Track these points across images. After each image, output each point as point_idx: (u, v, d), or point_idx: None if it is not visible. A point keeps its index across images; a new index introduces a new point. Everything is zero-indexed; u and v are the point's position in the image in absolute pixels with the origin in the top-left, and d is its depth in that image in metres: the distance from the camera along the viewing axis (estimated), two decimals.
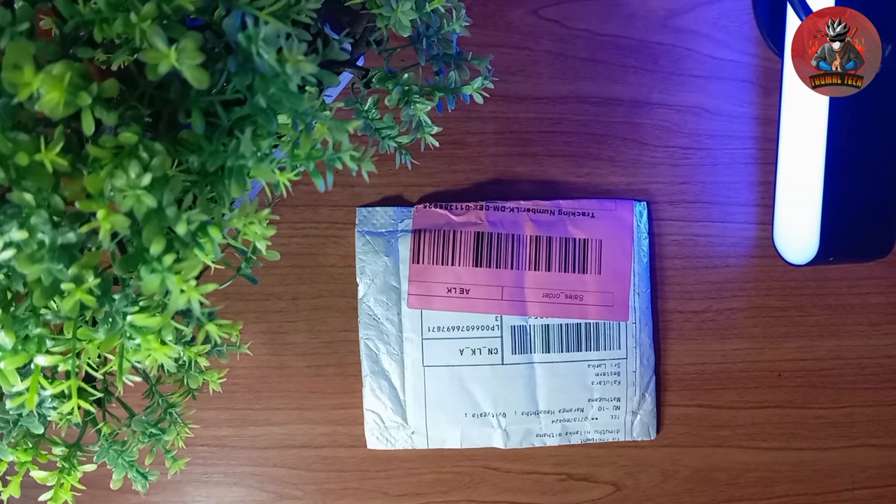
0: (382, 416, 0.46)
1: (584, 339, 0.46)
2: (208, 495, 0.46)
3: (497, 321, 0.45)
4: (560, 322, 0.45)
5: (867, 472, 0.49)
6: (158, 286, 0.22)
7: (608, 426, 0.46)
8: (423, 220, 0.45)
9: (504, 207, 0.45)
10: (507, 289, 0.45)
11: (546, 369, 0.46)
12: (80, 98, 0.20)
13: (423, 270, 0.45)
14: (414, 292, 0.45)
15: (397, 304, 0.45)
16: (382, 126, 0.34)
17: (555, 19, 0.45)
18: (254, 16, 0.23)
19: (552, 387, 0.46)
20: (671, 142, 0.46)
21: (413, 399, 0.46)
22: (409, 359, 0.46)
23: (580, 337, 0.46)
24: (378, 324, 0.46)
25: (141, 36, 0.21)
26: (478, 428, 0.46)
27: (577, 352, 0.46)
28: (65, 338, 0.25)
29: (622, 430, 0.47)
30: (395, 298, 0.45)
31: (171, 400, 0.35)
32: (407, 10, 0.29)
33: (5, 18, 0.22)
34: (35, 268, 0.21)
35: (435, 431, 0.46)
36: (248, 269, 0.34)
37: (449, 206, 0.45)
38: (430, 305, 0.45)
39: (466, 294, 0.45)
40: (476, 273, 0.45)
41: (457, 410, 0.46)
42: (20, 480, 0.28)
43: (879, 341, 0.48)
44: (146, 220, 0.22)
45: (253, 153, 0.24)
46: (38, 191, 0.21)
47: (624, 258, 0.45)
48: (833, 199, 0.41)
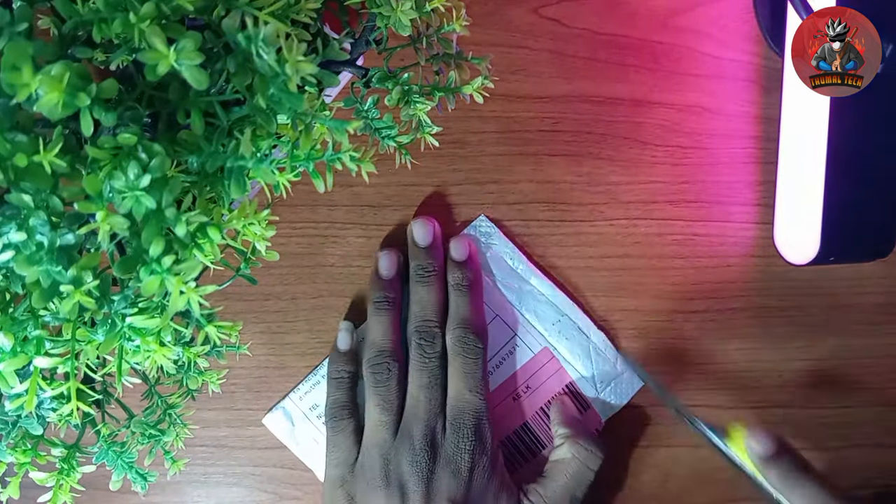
0: None
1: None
2: (208, 496, 0.46)
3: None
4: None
5: (867, 472, 0.49)
6: (158, 287, 0.22)
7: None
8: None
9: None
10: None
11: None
12: (78, 99, 0.20)
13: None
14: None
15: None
16: (382, 126, 0.34)
17: (555, 18, 0.45)
18: (253, 16, 0.23)
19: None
20: (671, 141, 0.46)
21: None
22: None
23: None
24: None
25: (140, 36, 0.21)
26: None
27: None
28: (64, 339, 0.25)
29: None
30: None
31: (171, 401, 0.35)
32: (407, 10, 0.29)
33: (4, 19, 0.21)
34: (34, 269, 0.21)
35: None
36: (248, 270, 0.34)
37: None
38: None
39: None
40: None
41: None
42: (19, 481, 0.28)
43: (880, 341, 0.48)
44: (145, 222, 0.22)
45: (252, 153, 0.24)
46: (36, 192, 0.21)
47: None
48: (834, 198, 0.41)
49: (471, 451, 0.41)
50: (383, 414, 0.42)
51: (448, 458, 0.41)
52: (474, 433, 0.41)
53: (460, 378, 0.42)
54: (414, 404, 0.42)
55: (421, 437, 0.41)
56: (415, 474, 0.40)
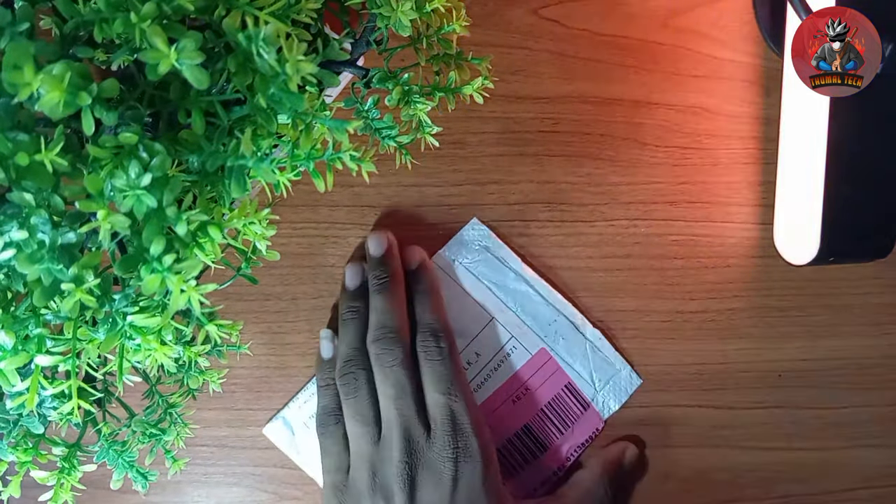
0: None
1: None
2: (208, 495, 0.46)
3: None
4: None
5: (867, 472, 0.49)
6: (158, 286, 0.22)
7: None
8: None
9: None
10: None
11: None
12: (79, 98, 0.20)
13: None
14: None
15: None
16: (382, 126, 0.34)
17: (555, 19, 0.45)
18: (254, 15, 0.23)
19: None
20: (671, 142, 0.46)
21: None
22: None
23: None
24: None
25: (141, 36, 0.21)
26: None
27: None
28: (65, 338, 0.25)
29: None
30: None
31: (171, 400, 0.35)
32: (407, 10, 0.29)
33: (5, 18, 0.22)
34: (35, 268, 0.21)
35: None
36: (248, 270, 0.34)
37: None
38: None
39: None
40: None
41: None
42: (20, 480, 0.28)
43: (880, 341, 0.48)
44: (146, 220, 0.22)
45: (253, 153, 0.24)
46: (38, 191, 0.21)
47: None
48: (834, 199, 0.41)
49: (453, 459, 0.39)
50: (359, 425, 0.41)
51: (430, 466, 0.39)
52: (454, 438, 0.40)
53: (429, 382, 0.41)
54: (386, 415, 0.41)
55: (399, 447, 0.39)
56: (397, 484, 0.39)
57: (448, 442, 0.40)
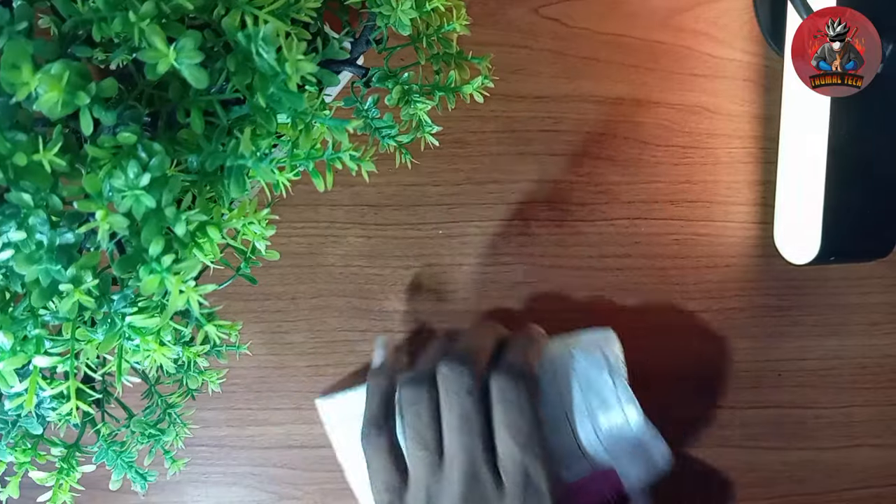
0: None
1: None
2: (208, 495, 0.46)
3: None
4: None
5: (867, 472, 0.49)
6: (157, 286, 0.22)
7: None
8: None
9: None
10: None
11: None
12: (78, 98, 0.20)
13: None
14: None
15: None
16: (382, 125, 0.34)
17: (555, 18, 0.45)
18: (253, 15, 0.23)
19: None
20: (672, 141, 0.46)
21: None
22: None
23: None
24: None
25: (140, 35, 0.21)
26: None
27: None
28: (63, 338, 0.25)
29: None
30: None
31: (171, 400, 0.35)
32: (407, 9, 0.29)
33: (3, 17, 0.21)
34: (33, 268, 0.21)
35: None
36: (248, 269, 0.34)
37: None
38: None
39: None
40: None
41: None
42: (19, 481, 0.28)
43: (880, 341, 0.48)
44: (145, 221, 0.22)
45: (252, 153, 0.24)
46: (36, 191, 0.21)
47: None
48: (834, 198, 0.41)
49: None
50: (419, 448, 0.38)
51: None
52: (524, 490, 0.36)
53: (502, 425, 0.37)
54: (449, 446, 0.37)
55: (463, 483, 0.36)
56: None
57: (518, 494, 0.36)
